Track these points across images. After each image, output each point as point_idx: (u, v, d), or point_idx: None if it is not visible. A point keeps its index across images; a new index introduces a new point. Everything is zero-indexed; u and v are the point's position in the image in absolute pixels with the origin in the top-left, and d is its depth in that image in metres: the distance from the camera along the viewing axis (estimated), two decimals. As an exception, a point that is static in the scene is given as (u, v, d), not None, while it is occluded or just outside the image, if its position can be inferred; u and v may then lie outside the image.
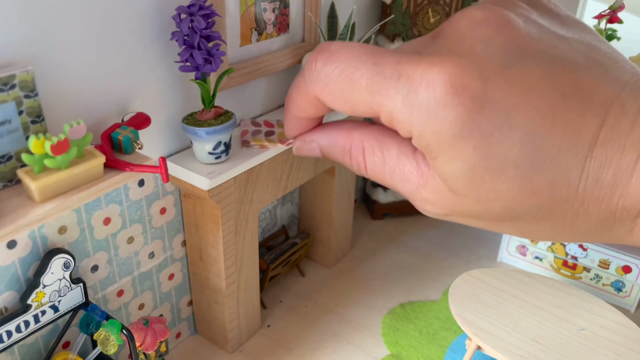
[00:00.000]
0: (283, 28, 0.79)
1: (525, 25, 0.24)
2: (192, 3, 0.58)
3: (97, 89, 0.59)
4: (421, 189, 0.27)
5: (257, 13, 0.73)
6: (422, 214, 1.08)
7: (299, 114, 0.31)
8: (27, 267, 0.59)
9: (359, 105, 0.26)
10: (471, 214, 0.25)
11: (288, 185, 0.81)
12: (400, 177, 0.27)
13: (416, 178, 0.27)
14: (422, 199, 0.27)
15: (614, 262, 0.92)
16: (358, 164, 0.29)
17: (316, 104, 0.29)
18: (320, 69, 0.27)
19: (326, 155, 0.32)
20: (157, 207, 0.72)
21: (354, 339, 0.87)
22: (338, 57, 0.26)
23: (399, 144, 0.27)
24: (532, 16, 0.25)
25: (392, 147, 0.28)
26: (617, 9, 0.91)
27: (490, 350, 0.71)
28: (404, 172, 0.27)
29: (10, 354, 0.61)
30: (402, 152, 0.27)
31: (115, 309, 0.72)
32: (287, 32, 0.80)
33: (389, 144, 0.28)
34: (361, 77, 0.25)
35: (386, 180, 0.28)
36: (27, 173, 0.49)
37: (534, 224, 0.24)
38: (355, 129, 0.29)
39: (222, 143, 0.66)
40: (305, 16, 0.82)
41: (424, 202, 0.27)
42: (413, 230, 1.14)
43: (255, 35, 0.74)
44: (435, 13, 0.95)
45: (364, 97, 0.25)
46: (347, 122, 0.30)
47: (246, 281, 0.81)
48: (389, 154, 0.28)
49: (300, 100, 0.29)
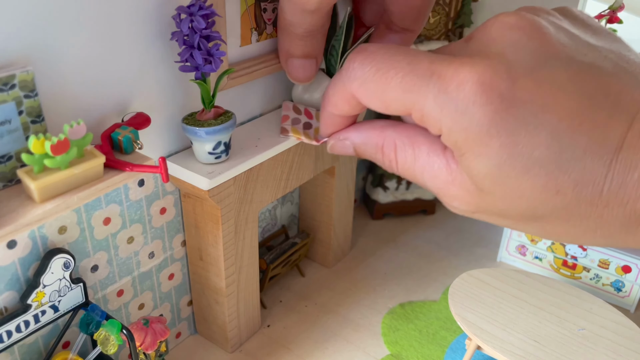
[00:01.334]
0: None
1: (556, 32, 0.24)
2: (192, 3, 0.58)
3: (97, 89, 0.59)
4: (450, 185, 0.27)
5: (257, 13, 0.73)
6: (422, 214, 1.09)
7: (335, 112, 0.31)
8: (27, 267, 0.59)
9: (392, 103, 0.26)
10: (496, 211, 0.26)
11: (288, 185, 0.81)
12: (430, 173, 0.28)
13: (445, 175, 0.27)
14: (450, 196, 0.27)
15: (613, 262, 0.92)
16: (390, 160, 0.30)
17: (352, 101, 0.29)
18: (357, 68, 0.27)
19: (359, 153, 0.32)
20: (157, 207, 0.72)
21: (354, 338, 0.87)
22: (375, 57, 0.27)
23: (429, 142, 0.28)
24: (564, 25, 0.25)
25: (423, 145, 0.28)
26: (617, 9, 0.91)
27: (490, 350, 0.71)
28: (433, 169, 0.27)
29: (10, 354, 0.61)
30: (432, 149, 0.28)
31: (115, 309, 0.73)
32: None
33: (420, 141, 0.28)
34: (395, 76, 0.26)
35: (416, 176, 0.29)
36: (27, 173, 0.49)
37: (558, 225, 0.24)
38: (388, 127, 0.30)
39: (222, 143, 0.66)
40: None
41: (452, 198, 0.27)
42: (413, 230, 1.14)
43: (255, 35, 0.74)
44: (435, 13, 0.95)
45: (398, 95, 0.26)
46: (381, 121, 0.31)
47: (246, 281, 0.81)
48: (419, 151, 0.28)
49: (337, 97, 0.30)
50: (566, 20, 0.26)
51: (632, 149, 0.22)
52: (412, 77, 0.25)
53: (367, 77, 0.27)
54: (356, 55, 0.28)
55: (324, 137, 0.35)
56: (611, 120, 0.22)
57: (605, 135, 0.22)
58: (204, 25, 0.58)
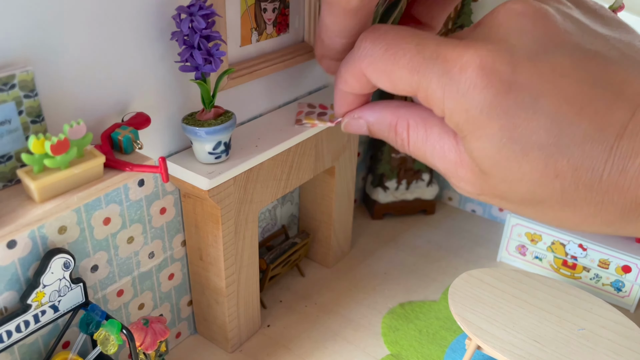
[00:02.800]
0: (283, 28, 0.79)
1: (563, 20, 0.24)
2: (192, 3, 0.58)
3: (97, 89, 0.59)
4: (458, 167, 0.27)
5: (257, 13, 0.73)
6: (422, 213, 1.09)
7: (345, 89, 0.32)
8: (27, 267, 0.59)
9: (399, 82, 0.27)
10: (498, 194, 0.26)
11: (288, 185, 0.81)
12: (440, 154, 0.28)
13: (454, 156, 0.27)
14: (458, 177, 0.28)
15: (613, 262, 0.92)
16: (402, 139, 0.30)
17: (362, 79, 0.30)
18: (368, 46, 0.28)
19: (372, 132, 0.32)
20: (157, 207, 0.72)
21: (354, 338, 0.87)
22: (385, 37, 0.27)
23: (441, 123, 0.28)
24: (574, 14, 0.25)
25: (434, 126, 0.28)
26: (617, 9, 0.91)
27: (490, 350, 0.71)
28: (443, 150, 0.28)
29: (10, 354, 0.61)
30: (443, 130, 0.28)
31: (115, 309, 0.73)
32: (287, 32, 0.80)
33: (432, 122, 0.28)
34: (403, 56, 0.26)
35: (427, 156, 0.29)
36: (27, 173, 0.49)
37: (558, 210, 0.24)
38: (402, 107, 0.30)
39: (222, 143, 0.66)
40: (306, 16, 0.81)
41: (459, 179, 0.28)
42: (413, 230, 1.14)
43: (255, 35, 0.74)
44: (435, 13, 0.95)
45: (404, 75, 0.26)
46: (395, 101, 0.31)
47: (246, 281, 0.81)
48: (431, 131, 0.28)
49: (347, 74, 0.30)
50: (577, 9, 0.26)
51: (634, 136, 0.22)
52: (419, 58, 0.26)
53: (377, 55, 0.27)
54: (368, 34, 0.28)
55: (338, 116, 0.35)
56: (613, 107, 0.22)
57: (607, 121, 0.22)
58: (204, 25, 0.58)
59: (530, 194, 0.24)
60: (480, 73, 0.23)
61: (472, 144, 0.25)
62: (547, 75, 0.23)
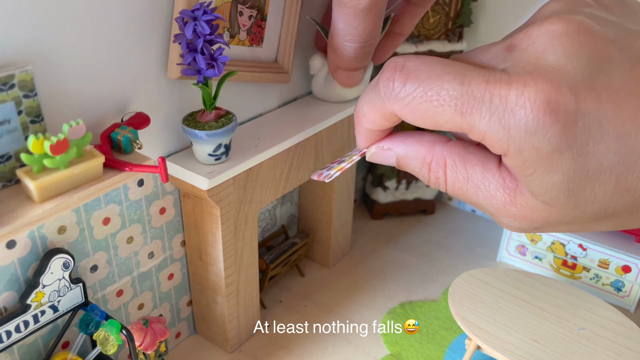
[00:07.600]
0: (256, 40, 0.74)
1: (600, 28, 0.24)
2: (196, 7, 0.57)
3: (97, 89, 0.59)
4: (508, 206, 0.27)
5: (232, 13, 0.69)
6: (422, 213, 1.08)
7: (372, 128, 0.31)
8: (27, 267, 0.59)
9: (446, 124, 0.26)
10: (566, 221, 0.26)
11: (288, 185, 0.81)
12: (486, 194, 0.27)
13: (502, 195, 0.27)
14: (509, 216, 0.27)
15: (613, 262, 0.92)
16: (437, 177, 0.29)
17: (392, 118, 0.29)
18: (399, 88, 0.26)
19: (401, 165, 0.31)
20: (157, 207, 0.72)
21: (354, 338, 0.87)
22: (419, 76, 0.26)
23: (482, 162, 0.27)
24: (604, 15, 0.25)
25: (476, 165, 0.28)
26: None
27: (490, 350, 0.71)
28: (489, 190, 0.27)
29: (9, 354, 0.61)
30: (486, 169, 0.27)
31: (114, 309, 0.72)
32: (260, 46, 0.75)
33: (472, 161, 0.28)
34: (449, 99, 0.25)
35: (469, 196, 0.29)
36: (26, 173, 0.49)
37: (628, 217, 0.25)
38: (438, 143, 0.29)
39: (222, 145, 0.66)
40: (281, 37, 0.76)
41: (511, 218, 0.27)
42: (413, 230, 1.14)
43: (227, 36, 0.70)
44: (435, 13, 0.95)
45: (452, 117, 0.25)
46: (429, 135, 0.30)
47: (246, 281, 0.81)
48: (473, 170, 0.28)
49: (375, 116, 0.29)
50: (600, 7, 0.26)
51: None
52: (469, 100, 0.25)
53: (413, 98, 0.26)
54: (394, 73, 0.27)
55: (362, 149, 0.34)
56: None
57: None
58: (208, 31, 0.57)
59: (602, 211, 0.25)
60: (547, 110, 0.23)
61: (543, 178, 0.25)
62: (604, 97, 0.23)
